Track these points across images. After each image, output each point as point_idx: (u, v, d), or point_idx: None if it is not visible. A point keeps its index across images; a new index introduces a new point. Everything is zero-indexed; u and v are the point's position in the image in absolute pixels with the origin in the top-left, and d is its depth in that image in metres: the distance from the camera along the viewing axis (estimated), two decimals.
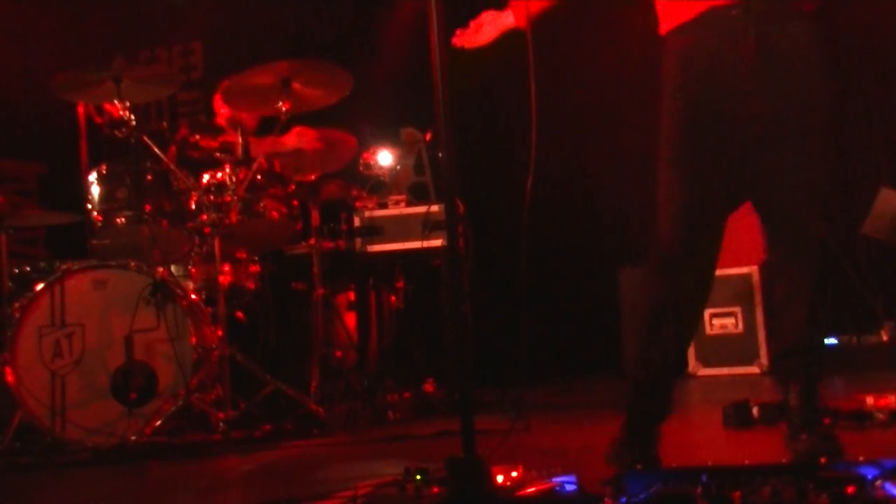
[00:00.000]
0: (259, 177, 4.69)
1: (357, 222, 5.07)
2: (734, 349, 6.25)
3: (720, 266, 2.94)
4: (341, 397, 4.84)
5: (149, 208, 4.51)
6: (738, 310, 6.24)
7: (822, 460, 2.21)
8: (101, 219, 4.53)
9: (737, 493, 1.99)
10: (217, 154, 4.87)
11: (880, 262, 6.07)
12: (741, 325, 6.23)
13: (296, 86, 4.54)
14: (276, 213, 4.79)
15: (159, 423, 4.15)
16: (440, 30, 2.44)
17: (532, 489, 2.32)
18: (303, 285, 5.27)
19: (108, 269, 4.41)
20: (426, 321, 5.44)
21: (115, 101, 4.40)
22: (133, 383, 4.22)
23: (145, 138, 4.46)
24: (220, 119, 5.49)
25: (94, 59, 4.48)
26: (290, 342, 5.07)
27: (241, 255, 4.90)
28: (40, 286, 4.35)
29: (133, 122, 4.44)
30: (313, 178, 5.32)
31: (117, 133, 4.55)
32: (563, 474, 2.41)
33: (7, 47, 7.21)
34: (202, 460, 3.92)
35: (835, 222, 2.85)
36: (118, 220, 4.52)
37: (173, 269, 4.71)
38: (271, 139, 4.70)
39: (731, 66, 2.77)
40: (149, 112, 7.52)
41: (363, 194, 5.25)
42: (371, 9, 7.38)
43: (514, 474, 2.36)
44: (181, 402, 4.21)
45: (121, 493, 3.44)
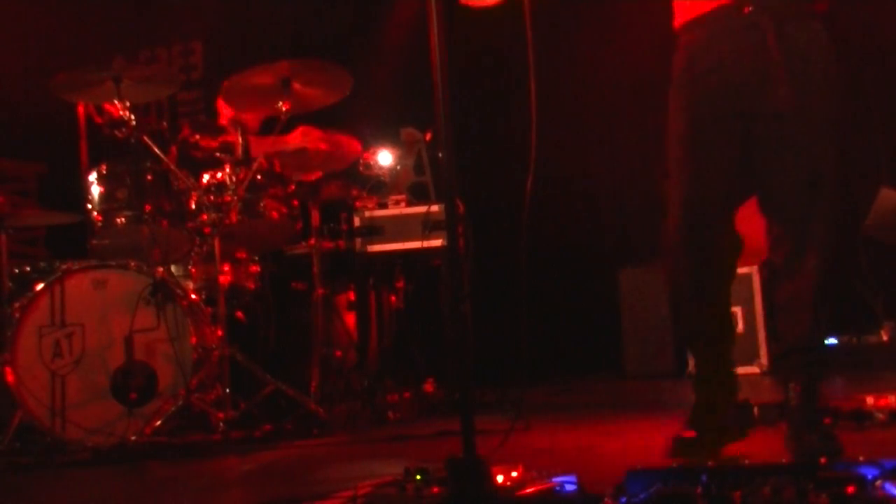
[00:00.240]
0: (259, 177, 4.69)
1: (357, 222, 5.07)
2: (734, 349, 6.23)
3: None
4: (341, 397, 4.84)
5: (149, 208, 4.50)
6: (738, 310, 6.22)
7: (822, 460, 2.20)
8: (101, 219, 4.53)
9: (737, 494, 1.99)
10: (217, 154, 4.87)
11: (880, 262, 6.07)
12: (741, 325, 6.23)
13: (296, 86, 4.54)
14: (276, 213, 4.78)
15: (159, 423, 4.15)
16: (440, 30, 2.44)
17: (532, 489, 2.31)
18: (303, 285, 5.26)
19: (108, 269, 4.40)
20: (426, 321, 5.44)
21: (115, 101, 4.40)
22: (133, 383, 4.22)
23: (145, 138, 4.46)
24: (222, 119, 5.49)
25: (94, 59, 4.48)
26: (290, 342, 5.06)
27: (241, 255, 4.90)
28: (40, 286, 4.35)
29: (133, 122, 4.44)
30: (315, 178, 5.32)
31: (117, 133, 4.55)
32: (563, 474, 2.41)
33: (7, 47, 7.21)
34: (202, 460, 3.91)
35: (840, 222, 2.84)
36: (118, 220, 4.51)
37: (173, 269, 4.71)
38: (272, 139, 4.70)
39: (742, 63, 2.78)
40: (149, 112, 7.51)
41: (363, 194, 5.24)
42: (371, 9, 7.38)
43: (514, 474, 2.36)
44: (181, 402, 4.20)
45: (121, 493, 3.44)
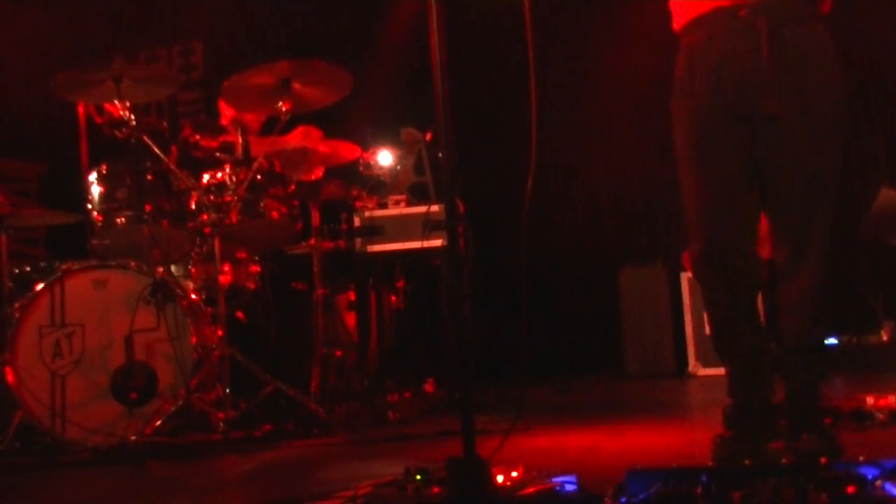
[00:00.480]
0: (259, 177, 4.68)
1: (357, 222, 5.06)
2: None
3: None
4: (341, 397, 4.84)
5: (149, 208, 4.50)
6: None
7: (822, 460, 2.20)
8: (101, 219, 4.53)
9: (737, 494, 1.99)
10: (217, 154, 4.87)
11: (880, 262, 6.07)
12: None
13: (296, 86, 4.54)
14: (276, 213, 4.78)
15: (159, 423, 4.15)
16: (440, 30, 2.44)
17: (532, 489, 2.32)
18: (303, 285, 5.26)
19: (108, 269, 4.40)
20: (426, 321, 5.44)
21: (115, 101, 4.39)
22: (133, 383, 4.22)
23: (145, 138, 4.45)
24: (223, 120, 5.49)
25: (94, 59, 4.48)
26: (290, 342, 5.06)
27: (241, 255, 4.90)
28: (40, 286, 4.34)
29: (133, 122, 4.44)
30: (316, 178, 5.32)
31: (117, 133, 4.55)
32: (563, 474, 2.41)
33: (7, 47, 7.22)
34: (202, 460, 3.91)
35: (841, 223, 2.84)
36: (118, 220, 4.51)
37: (173, 269, 4.71)
38: (272, 139, 4.70)
39: (739, 65, 2.78)
40: (149, 112, 7.52)
41: (363, 194, 5.24)
42: (371, 9, 7.38)
43: (514, 474, 2.36)
44: (181, 402, 4.20)
45: (121, 493, 3.44)
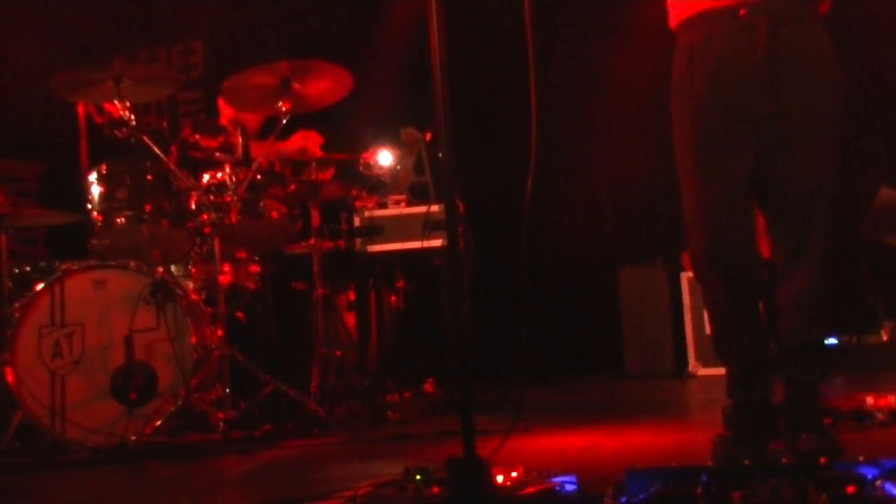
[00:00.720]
0: (259, 177, 4.69)
1: (357, 222, 5.06)
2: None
3: None
4: (341, 397, 4.84)
5: (149, 208, 4.50)
6: None
7: (822, 460, 2.20)
8: (101, 219, 4.53)
9: (736, 494, 1.99)
10: (217, 154, 4.86)
11: (880, 262, 6.07)
12: None
13: (296, 86, 4.54)
14: (276, 213, 4.79)
15: (159, 423, 4.15)
16: (440, 30, 2.44)
17: (532, 489, 2.32)
18: (303, 285, 5.26)
19: (108, 269, 4.40)
20: (426, 321, 5.43)
21: (115, 101, 4.39)
22: (133, 383, 4.22)
23: (145, 138, 4.45)
24: (223, 119, 5.48)
25: (94, 59, 4.48)
26: (290, 342, 5.06)
27: (241, 255, 4.90)
28: (40, 286, 4.34)
29: (133, 122, 4.44)
30: (323, 177, 5.31)
31: (117, 133, 4.55)
32: (563, 474, 2.41)
33: (7, 47, 7.21)
34: (202, 460, 3.91)
35: (839, 223, 2.84)
36: (118, 220, 4.51)
37: (173, 269, 4.70)
38: (271, 141, 4.69)
39: (739, 65, 2.77)
40: (149, 112, 7.51)
41: (363, 194, 5.24)
42: (371, 9, 7.38)
43: (514, 474, 2.36)
44: (181, 402, 4.20)
45: (121, 493, 3.44)
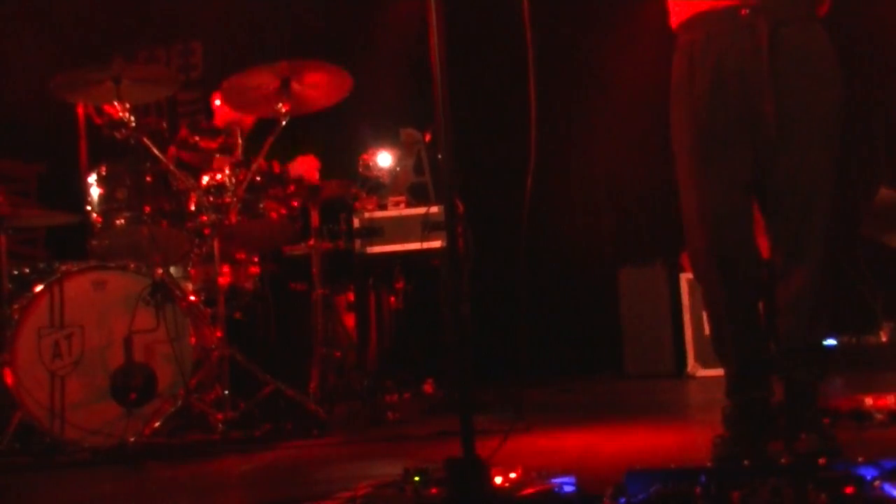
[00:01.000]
0: (258, 178, 4.69)
1: (356, 223, 5.06)
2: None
3: None
4: (341, 397, 4.84)
5: (148, 209, 4.50)
6: None
7: (822, 460, 2.20)
8: (100, 219, 4.53)
9: (736, 494, 1.99)
10: (216, 154, 4.86)
11: (880, 262, 6.07)
12: None
13: (295, 86, 4.54)
14: (275, 214, 4.78)
15: (158, 423, 4.15)
16: (440, 30, 2.44)
17: (531, 490, 2.31)
18: (302, 286, 5.27)
19: (108, 270, 4.40)
20: (426, 321, 5.44)
21: (115, 103, 4.39)
22: (132, 384, 4.22)
23: (145, 139, 4.45)
24: (217, 119, 5.48)
25: (93, 59, 4.47)
26: (290, 343, 5.06)
27: (241, 255, 4.90)
28: (40, 287, 4.34)
29: (132, 123, 4.44)
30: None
31: (117, 134, 4.55)
32: (562, 475, 2.41)
33: (7, 47, 7.21)
34: (201, 461, 3.91)
35: (838, 223, 2.84)
36: (118, 220, 4.51)
37: (173, 269, 4.71)
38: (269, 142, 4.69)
39: (739, 65, 2.78)
40: (149, 112, 7.51)
41: (363, 195, 5.24)
42: (371, 9, 7.38)
43: (514, 475, 2.36)
44: (180, 403, 4.20)
45: (120, 493, 3.44)
